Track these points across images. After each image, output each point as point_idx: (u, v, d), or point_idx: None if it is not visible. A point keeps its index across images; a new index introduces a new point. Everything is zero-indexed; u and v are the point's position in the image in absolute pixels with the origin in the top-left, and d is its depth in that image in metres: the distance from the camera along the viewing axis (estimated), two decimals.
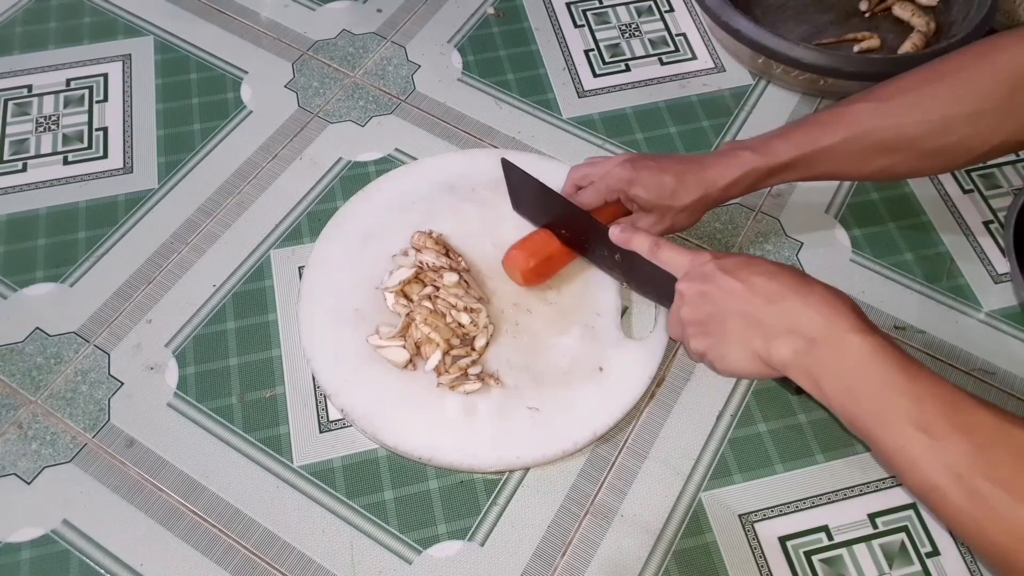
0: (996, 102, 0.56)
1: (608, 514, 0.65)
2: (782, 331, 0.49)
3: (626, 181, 0.66)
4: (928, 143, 0.59)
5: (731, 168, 0.64)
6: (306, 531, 0.64)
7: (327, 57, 0.91)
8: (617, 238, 0.62)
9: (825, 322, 0.47)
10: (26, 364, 0.71)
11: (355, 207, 0.78)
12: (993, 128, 0.57)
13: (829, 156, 0.62)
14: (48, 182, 0.81)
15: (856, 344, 0.46)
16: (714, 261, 0.54)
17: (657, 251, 0.59)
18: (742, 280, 0.51)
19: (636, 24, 0.95)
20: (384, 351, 0.68)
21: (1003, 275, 0.77)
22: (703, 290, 0.53)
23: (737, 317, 0.51)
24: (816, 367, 0.47)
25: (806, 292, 0.49)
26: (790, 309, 0.48)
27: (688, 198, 0.65)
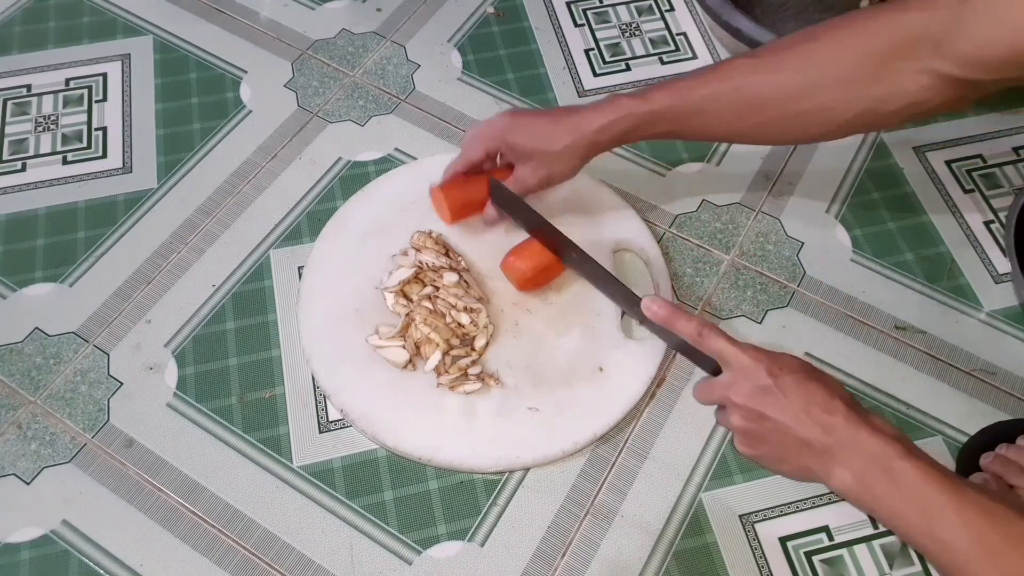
0: (867, 69, 0.57)
1: (608, 514, 0.65)
2: (838, 463, 0.51)
3: (503, 128, 0.68)
4: (797, 103, 0.60)
5: (605, 112, 0.64)
6: (306, 531, 0.64)
7: (327, 56, 0.91)
8: (655, 316, 0.59)
9: (876, 453, 0.50)
10: (25, 364, 0.71)
11: (355, 207, 0.78)
12: (862, 93, 0.58)
13: (705, 107, 0.62)
14: (47, 182, 0.81)
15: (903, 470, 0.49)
16: (772, 379, 0.53)
17: (702, 340, 0.57)
18: (802, 410, 0.52)
19: (636, 23, 0.95)
20: (384, 351, 0.68)
21: (1003, 275, 0.77)
22: (760, 412, 0.53)
23: (794, 442, 0.52)
24: (870, 495, 0.50)
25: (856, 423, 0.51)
26: (843, 441, 0.51)
27: (562, 142, 0.65)
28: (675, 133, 0.65)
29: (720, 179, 0.83)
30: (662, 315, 0.59)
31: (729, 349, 0.56)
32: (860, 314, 0.75)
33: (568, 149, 0.66)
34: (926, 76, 0.55)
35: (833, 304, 0.75)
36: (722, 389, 0.56)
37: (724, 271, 0.77)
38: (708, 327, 0.57)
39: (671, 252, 0.78)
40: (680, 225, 0.80)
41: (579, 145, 0.66)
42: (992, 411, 0.70)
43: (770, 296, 0.76)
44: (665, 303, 0.59)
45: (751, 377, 0.54)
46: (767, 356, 0.55)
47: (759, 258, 0.78)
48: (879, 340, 0.73)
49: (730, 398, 0.55)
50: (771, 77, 0.60)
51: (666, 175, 0.83)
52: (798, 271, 0.77)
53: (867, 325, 0.74)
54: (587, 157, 0.67)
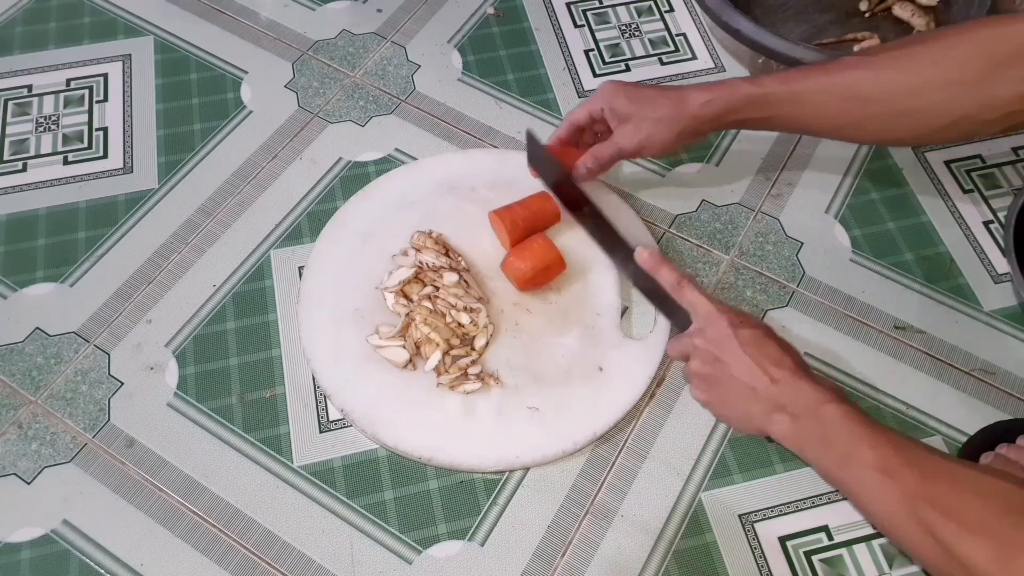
0: (970, 74, 0.58)
1: (608, 514, 0.65)
2: (777, 408, 0.55)
3: (612, 92, 0.70)
4: (901, 101, 0.61)
5: (712, 90, 0.67)
6: (306, 531, 0.64)
7: (327, 57, 0.91)
8: (644, 262, 0.64)
9: (808, 398, 0.54)
10: (26, 364, 0.71)
11: (355, 207, 0.78)
12: (964, 98, 0.59)
13: (809, 97, 0.64)
14: (48, 182, 0.81)
15: (830, 411, 0.53)
16: (732, 328, 0.57)
17: (680, 289, 0.61)
18: (753, 358, 0.56)
19: (636, 24, 0.95)
20: (384, 351, 0.68)
21: (1003, 275, 0.77)
22: (717, 355, 0.58)
23: (742, 388, 0.57)
24: (801, 437, 0.55)
25: (798, 375, 0.55)
26: (786, 390, 0.55)
27: (665, 108, 0.67)
28: (774, 120, 0.67)
29: (720, 179, 0.83)
30: (650, 263, 0.63)
31: (700, 299, 0.60)
32: (860, 314, 0.75)
33: (669, 117, 0.67)
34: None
35: (833, 304, 0.75)
36: (688, 337, 0.60)
37: (724, 271, 0.77)
38: (687, 278, 0.61)
39: (671, 252, 0.78)
40: (680, 225, 0.80)
41: (681, 116, 0.67)
42: (992, 411, 0.70)
43: (770, 296, 0.76)
44: (654, 252, 0.63)
45: (714, 325, 0.58)
46: (733, 310, 0.59)
47: (758, 258, 0.78)
48: (879, 340, 0.73)
49: (692, 342, 0.59)
50: (876, 74, 0.62)
51: (666, 175, 0.83)
52: (797, 271, 0.77)
53: (867, 325, 0.74)
54: (686, 131, 0.68)
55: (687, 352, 0.60)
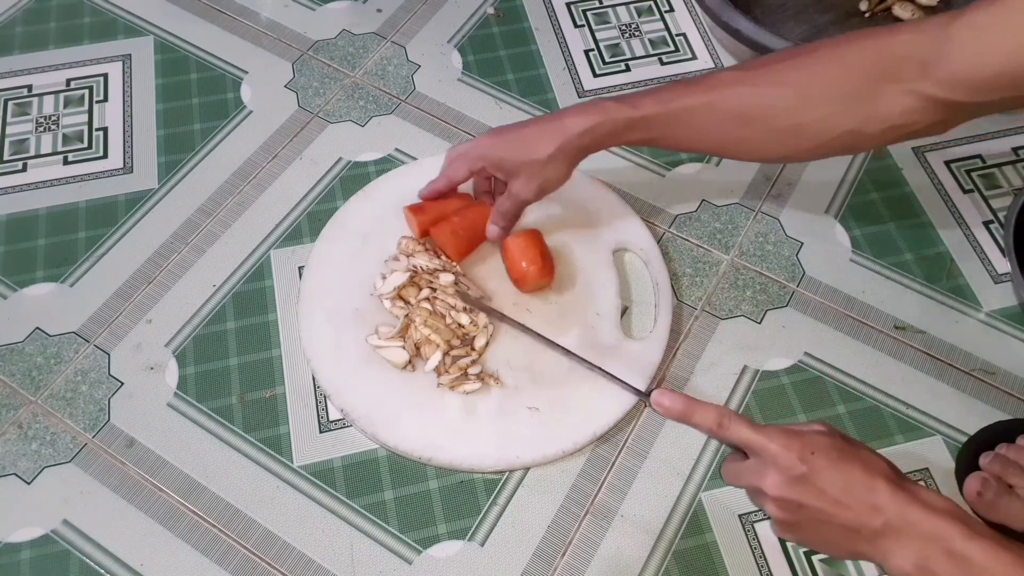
0: (853, 89, 0.57)
1: (608, 514, 0.65)
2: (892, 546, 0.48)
3: (487, 146, 0.67)
4: (783, 118, 0.59)
5: (589, 116, 0.64)
6: (306, 531, 0.64)
7: (327, 57, 0.91)
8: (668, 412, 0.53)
9: (935, 535, 0.47)
10: (26, 364, 0.71)
11: (355, 207, 0.78)
12: (847, 113, 0.57)
13: (689, 117, 0.62)
14: (48, 182, 0.81)
15: (971, 551, 0.46)
16: (804, 465, 0.49)
17: (723, 431, 0.52)
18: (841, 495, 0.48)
19: (636, 24, 0.95)
20: (383, 351, 0.68)
21: (1003, 275, 0.77)
22: (798, 501, 0.49)
23: (838, 528, 0.49)
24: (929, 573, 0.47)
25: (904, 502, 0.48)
26: (895, 522, 0.47)
27: (548, 148, 0.64)
28: (656, 141, 0.65)
29: (719, 179, 0.83)
30: (677, 410, 0.52)
31: (755, 438, 0.51)
32: (860, 314, 0.75)
33: (555, 155, 0.65)
34: (911, 98, 0.55)
35: (832, 304, 0.75)
36: (752, 478, 0.51)
37: (724, 271, 0.77)
38: (728, 416, 0.51)
39: (671, 252, 0.78)
40: (680, 225, 0.80)
41: (566, 150, 0.65)
42: (992, 411, 0.70)
43: (769, 296, 0.76)
44: (677, 396, 0.52)
45: (782, 466, 0.49)
46: (796, 440, 0.50)
47: (758, 258, 0.78)
48: (879, 340, 0.73)
49: (762, 490, 0.50)
50: (756, 90, 0.60)
51: (666, 175, 0.83)
52: (797, 271, 0.77)
53: (867, 325, 0.74)
54: (575, 160, 0.67)
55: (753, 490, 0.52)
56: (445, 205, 0.74)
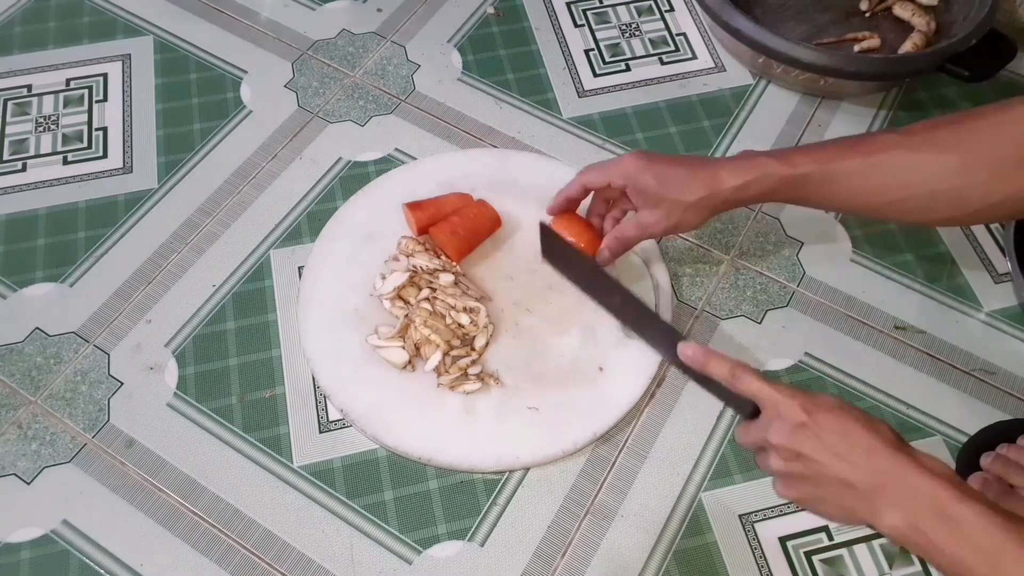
0: (1012, 158, 0.56)
1: (608, 514, 0.65)
2: (886, 504, 0.49)
3: (638, 168, 0.65)
4: (944, 183, 0.58)
5: (745, 170, 0.62)
6: (306, 531, 0.64)
7: (327, 57, 0.91)
8: (690, 360, 0.57)
9: (927, 496, 0.48)
10: (26, 364, 0.71)
11: (355, 207, 0.78)
12: (1009, 177, 0.56)
13: (846, 179, 0.60)
14: (48, 182, 0.81)
15: (961, 514, 0.47)
16: (807, 416, 0.51)
17: (736, 381, 0.55)
18: (840, 449, 0.50)
19: (636, 24, 0.95)
20: (383, 351, 0.68)
21: (1003, 275, 0.77)
22: (799, 452, 0.51)
23: (836, 486, 0.50)
24: (926, 541, 0.48)
25: (902, 463, 0.49)
26: (890, 482, 0.49)
27: (697, 193, 0.63)
28: (807, 199, 0.63)
29: None
30: (697, 359, 0.57)
31: (764, 389, 0.53)
32: (860, 314, 0.75)
33: (702, 202, 0.63)
34: None
35: (833, 304, 0.75)
36: (759, 431, 0.54)
37: (724, 271, 0.77)
38: (741, 368, 0.55)
39: (671, 252, 0.78)
40: None
41: (714, 200, 0.63)
42: (992, 411, 0.70)
43: (770, 296, 0.76)
44: (699, 347, 0.57)
45: (787, 416, 0.52)
46: (803, 394, 0.53)
47: (759, 258, 0.78)
48: (879, 340, 0.73)
49: (767, 439, 0.53)
50: (917, 155, 0.59)
51: None
52: (798, 271, 0.77)
53: (867, 325, 0.74)
54: (718, 211, 0.65)
55: (759, 444, 0.54)
56: (444, 204, 0.74)
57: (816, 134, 0.86)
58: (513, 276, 0.73)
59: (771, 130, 0.86)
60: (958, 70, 0.78)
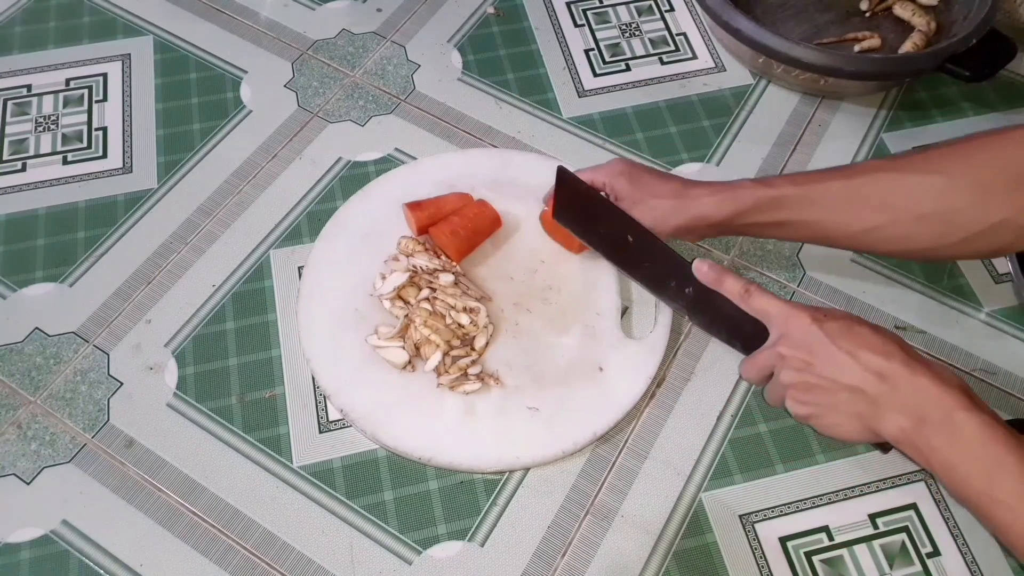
0: (1002, 180, 0.53)
1: (608, 514, 0.65)
2: (893, 408, 0.50)
3: (616, 172, 0.67)
4: (928, 204, 0.56)
5: (721, 189, 0.62)
6: (306, 531, 0.64)
7: (327, 57, 0.91)
8: (705, 276, 0.60)
9: (935, 400, 0.48)
10: (25, 364, 0.71)
11: (355, 207, 0.78)
12: (996, 204, 0.53)
13: (824, 199, 0.59)
14: (47, 182, 0.81)
15: (964, 422, 0.47)
16: (817, 324, 0.52)
17: (748, 297, 0.57)
18: (850, 354, 0.51)
19: (636, 24, 0.95)
20: (383, 351, 0.68)
21: (1003, 275, 0.77)
22: (808, 360, 0.52)
23: (846, 391, 0.51)
24: (926, 445, 0.48)
25: (914, 369, 0.49)
26: (900, 386, 0.49)
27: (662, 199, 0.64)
28: (789, 225, 0.61)
29: (720, 178, 0.82)
30: (711, 276, 0.60)
31: (774, 303, 0.56)
32: (860, 314, 0.74)
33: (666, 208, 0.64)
34: None
35: (833, 304, 0.75)
36: (768, 348, 0.55)
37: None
38: (754, 286, 0.58)
39: None
40: None
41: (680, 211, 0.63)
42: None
43: None
44: (714, 264, 0.60)
45: (796, 326, 0.53)
46: (812, 307, 0.54)
47: (759, 258, 0.78)
48: None
49: (777, 351, 0.54)
50: (900, 176, 0.57)
51: None
52: (798, 271, 0.77)
53: None
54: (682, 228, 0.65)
55: (770, 365, 0.55)
56: (444, 204, 0.74)
57: (816, 134, 0.86)
58: (513, 276, 0.73)
59: (771, 130, 0.86)
60: (958, 70, 0.78)
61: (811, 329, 0.52)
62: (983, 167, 0.54)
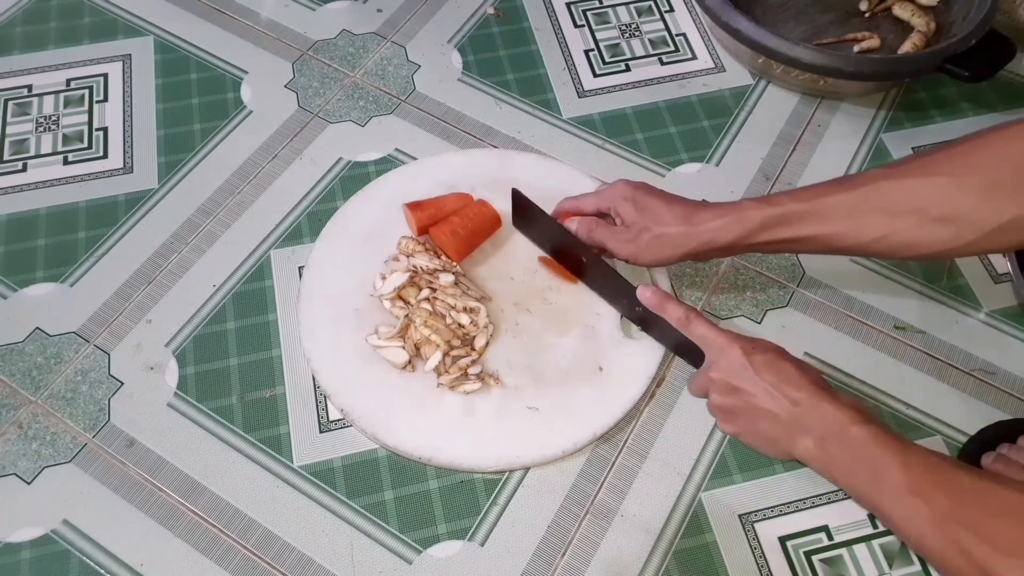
0: (1009, 176, 0.53)
1: (608, 514, 0.65)
2: (801, 431, 0.55)
3: (622, 195, 0.66)
4: (936, 206, 0.55)
5: (726, 211, 0.62)
6: (306, 531, 0.64)
7: (327, 57, 0.91)
8: (647, 301, 0.64)
9: (832, 419, 0.53)
10: (26, 364, 0.71)
11: (355, 207, 0.78)
12: (1006, 201, 0.53)
13: (831, 212, 0.59)
14: (48, 182, 0.81)
15: (856, 432, 0.52)
16: (747, 357, 0.57)
17: (688, 324, 0.61)
18: (772, 385, 0.56)
19: (636, 24, 0.95)
20: (383, 351, 0.68)
21: (1003, 275, 0.77)
22: (735, 386, 0.57)
23: (765, 416, 0.56)
24: (827, 459, 0.54)
25: (820, 396, 0.55)
26: (807, 411, 0.55)
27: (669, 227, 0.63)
28: (798, 242, 0.61)
29: (720, 179, 0.83)
30: (654, 301, 0.64)
31: (710, 332, 0.60)
32: (860, 314, 0.75)
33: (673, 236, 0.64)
34: None
35: (833, 304, 0.75)
36: (704, 371, 0.60)
37: (724, 271, 0.77)
38: (694, 313, 0.61)
39: None
40: None
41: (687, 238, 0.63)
42: (992, 411, 0.70)
43: (769, 296, 0.76)
44: (657, 290, 0.64)
45: (727, 356, 0.58)
46: (745, 339, 0.59)
47: (759, 258, 0.78)
48: (879, 340, 0.73)
49: (710, 375, 0.59)
50: (905, 182, 0.57)
51: (666, 175, 0.83)
52: (797, 271, 0.77)
53: (867, 325, 0.74)
54: (689, 255, 0.65)
55: (706, 387, 0.60)
56: (444, 204, 0.74)
57: (816, 134, 0.86)
58: (513, 276, 0.74)
59: (771, 130, 0.86)
60: (958, 70, 0.79)
61: (740, 360, 0.57)
62: (988, 164, 0.54)
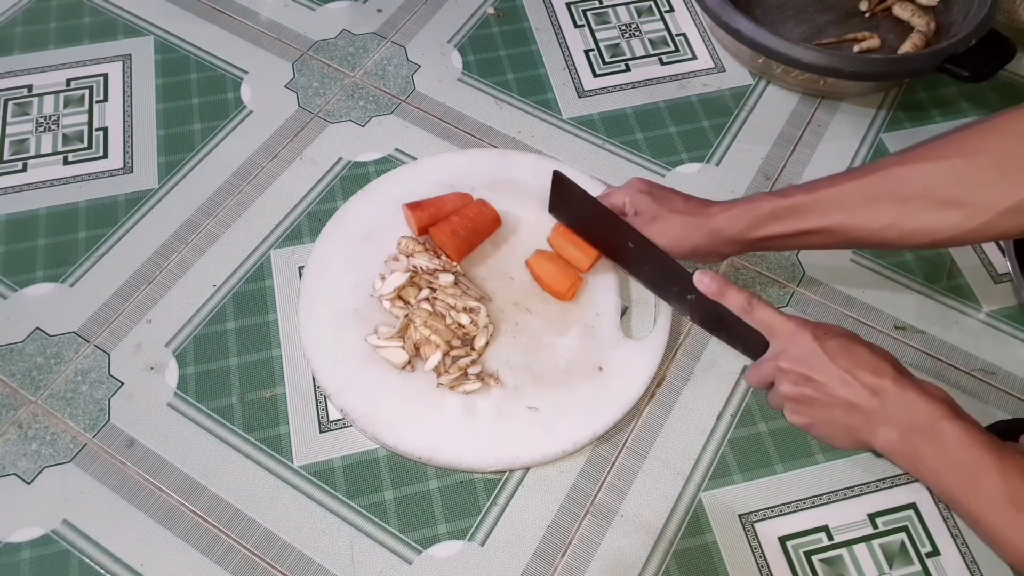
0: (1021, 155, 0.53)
1: (608, 514, 0.65)
2: (883, 421, 0.53)
3: (635, 189, 0.68)
4: (948, 187, 0.55)
5: (736, 204, 0.63)
6: (306, 531, 0.64)
7: (327, 57, 0.91)
8: (706, 288, 0.61)
9: (921, 411, 0.51)
10: (26, 364, 0.71)
11: (355, 207, 0.78)
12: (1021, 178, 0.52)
13: (841, 200, 0.59)
14: (48, 182, 0.81)
15: (947, 430, 0.50)
16: (818, 342, 0.55)
17: (751, 311, 0.59)
18: (847, 371, 0.54)
19: (636, 24, 0.95)
20: (383, 351, 0.68)
21: (1003, 275, 0.77)
22: (807, 374, 0.55)
23: (841, 406, 0.54)
24: (913, 453, 0.52)
25: (903, 384, 0.53)
26: (890, 401, 0.52)
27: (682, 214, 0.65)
28: (809, 235, 0.61)
29: (720, 179, 0.83)
30: (713, 288, 0.61)
31: (776, 318, 0.58)
32: (860, 314, 0.75)
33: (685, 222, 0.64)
34: None
35: (833, 304, 0.75)
36: (770, 360, 0.57)
37: (724, 271, 0.77)
38: (756, 299, 0.59)
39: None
40: None
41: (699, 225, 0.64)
42: (992, 411, 0.70)
43: (769, 296, 0.76)
44: (716, 276, 0.61)
45: (797, 342, 0.56)
46: (813, 323, 0.57)
47: (759, 258, 0.78)
48: (879, 340, 0.73)
49: (778, 365, 0.57)
50: (914, 167, 0.56)
51: (666, 175, 0.83)
52: (797, 271, 0.77)
53: (867, 325, 0.74)
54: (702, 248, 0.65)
55: (772, 377, 0.58)
56: (444, 204, 0.74)
57: (815, 134, 0.86)
58: (513, 276, 0.74)
59: (771, 130, 0.86)
60: (958, 70, 0.79)
61: (812, 346, 0.55)
62: (1003, 143, 0.54)
